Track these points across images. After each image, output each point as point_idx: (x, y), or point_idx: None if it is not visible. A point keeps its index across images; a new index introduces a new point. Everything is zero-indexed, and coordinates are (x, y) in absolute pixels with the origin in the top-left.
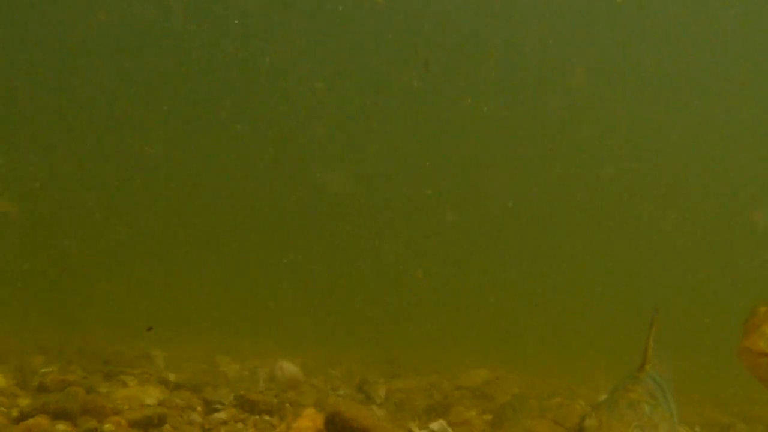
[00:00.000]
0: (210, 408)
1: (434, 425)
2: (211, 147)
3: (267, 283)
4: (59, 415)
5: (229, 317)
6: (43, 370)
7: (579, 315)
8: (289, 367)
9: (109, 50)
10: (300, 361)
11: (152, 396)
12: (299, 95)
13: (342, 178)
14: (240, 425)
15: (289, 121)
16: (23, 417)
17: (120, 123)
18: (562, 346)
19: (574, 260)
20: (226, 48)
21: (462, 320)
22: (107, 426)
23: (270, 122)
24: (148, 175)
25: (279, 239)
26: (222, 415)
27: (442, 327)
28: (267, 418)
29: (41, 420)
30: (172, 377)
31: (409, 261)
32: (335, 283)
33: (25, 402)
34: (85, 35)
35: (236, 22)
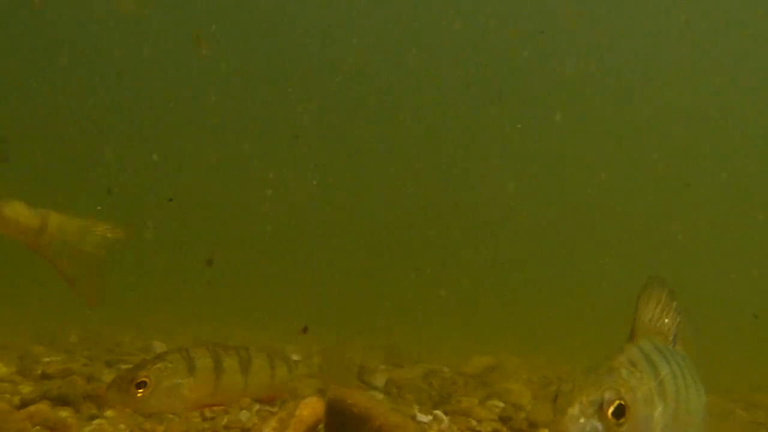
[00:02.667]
0: None
1: (435, 413)
2: (207, 141)
3: (266, 273)
4: (61, 402)
5: (229, 307)
6: (45, 360)
7: (579, 297)
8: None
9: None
10: (300, 349)
11: None
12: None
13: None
14: (241, 412)
15: (290, 120)
16: (25, 404)
17: (119, 124)
18: (565, 330)
19: (573, 245)
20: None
21: (463, 308)
22: (108, 413)
23: (271, 121)
24: (147, 168)
25: (278, 231)
26: None
27: (443, 314)
28: (267, 405)
29: (43, 407)
30: None
31: (409, 252)
32: (335, 272)
33: (27, 389)
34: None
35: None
